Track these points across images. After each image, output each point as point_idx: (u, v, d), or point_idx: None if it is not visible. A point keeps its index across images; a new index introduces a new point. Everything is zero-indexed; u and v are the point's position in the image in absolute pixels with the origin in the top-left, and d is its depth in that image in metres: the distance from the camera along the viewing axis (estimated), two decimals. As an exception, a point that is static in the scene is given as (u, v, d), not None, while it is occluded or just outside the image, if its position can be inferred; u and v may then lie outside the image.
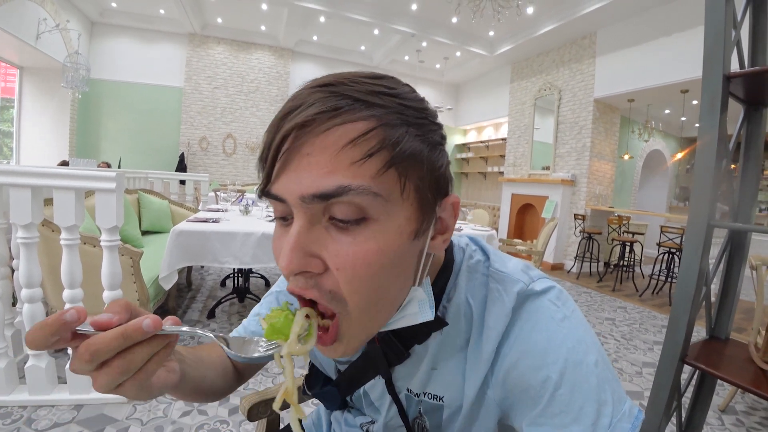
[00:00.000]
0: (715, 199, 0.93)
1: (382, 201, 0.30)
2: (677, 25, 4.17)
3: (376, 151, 0.29)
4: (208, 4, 6.07)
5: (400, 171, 0.31)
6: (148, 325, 0.28)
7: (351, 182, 0.29)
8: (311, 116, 0.29)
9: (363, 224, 0.31)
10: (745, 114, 1.05)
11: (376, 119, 0.30)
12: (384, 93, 0.31)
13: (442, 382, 0.43)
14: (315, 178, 0.29)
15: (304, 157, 0.30)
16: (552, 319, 0.38)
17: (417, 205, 0.33)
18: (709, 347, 1.06)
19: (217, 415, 1.58)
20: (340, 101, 0.29)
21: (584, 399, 0.34)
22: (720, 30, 0.90)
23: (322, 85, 0.31)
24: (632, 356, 2.54)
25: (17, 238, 1.42)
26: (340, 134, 0.29)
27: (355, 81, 0.31)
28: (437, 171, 0.34)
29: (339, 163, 0.29)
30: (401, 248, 0.32)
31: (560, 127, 5.73)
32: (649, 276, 4.58)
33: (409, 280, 0.36)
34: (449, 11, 5.12)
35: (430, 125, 0.34)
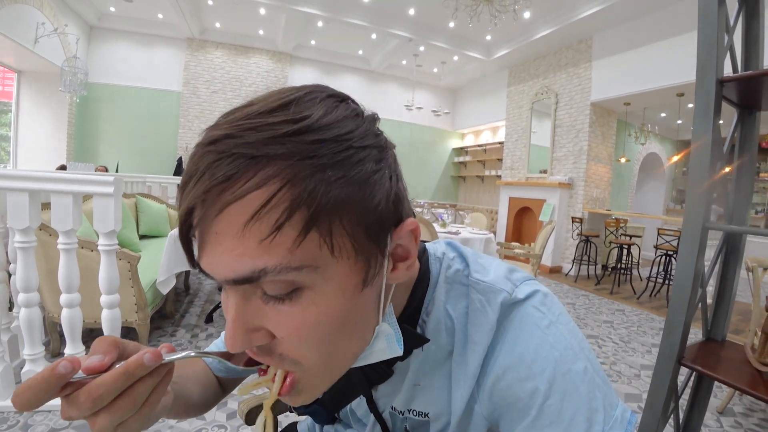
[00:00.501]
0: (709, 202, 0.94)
1: (310, 270, 0.27)
2: (672, 30, 4.21)
3: (286, 220, 0.25)
4: (206, 9, 6.09)
5: (323, 231, 0.26)
6: (149, 359, 0.27)
7: (265, 264, 0.25)
8: (201, 193, 0.25)
9: (297, 294, 0.28)
10: (738, 117, 1.06)
11: (280, 178, 0.25)
12: (288, 134, 0.25)
13: (426, 398, 0.42)
14: (228, 261, 0.26)
15: (213, 236, 0.26)
16: (537, 327, 0.36)
17: (356, 256, 0.29)
18: (706, 349, 1.06)
19: (215, 419, 1.57)
20: (231, 165, 0.24)
21: (574, 409, 0.34)
22: (713, 35, 0.91)
23: (212, 141, 0.26)
24: (630, 359, 2.54)
25: (14, 243, 1.42)
26: (238, 210, 0.25)
27: (250, 127, 0.25)
28: (374, 209, 0.28)
29: (247, 243, 0.25)
30: (348, 305, 0.30)
31: (557, 131, 5.76)
32: (646, 278, 4.60)
33: (371, 323, 0.34)
34: (446, 16, 5.15)
35: (355, 155, 0.27)
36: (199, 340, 2.30)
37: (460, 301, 0.40)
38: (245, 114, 0.26)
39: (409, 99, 7.71)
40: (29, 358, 1.50)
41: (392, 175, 0.31)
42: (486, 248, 3.66)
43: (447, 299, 0.40)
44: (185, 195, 0.26)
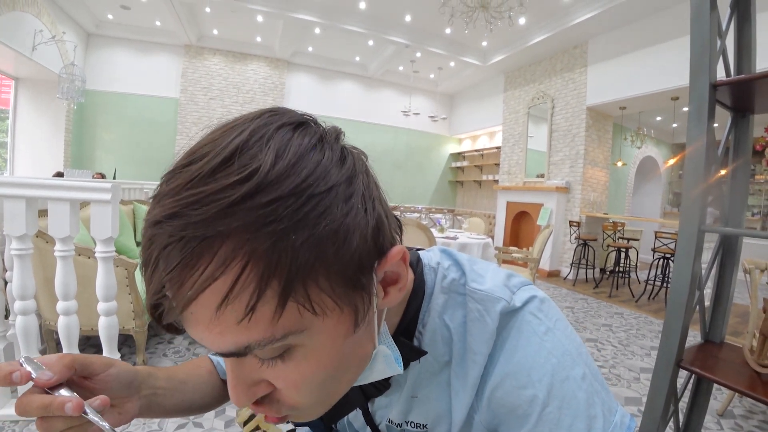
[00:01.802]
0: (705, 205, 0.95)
1: (296, 334, 0.26)
2: (666, 34, 4.26)
3: (258, 299, 0.23)
4: (203, 16, 6.13)
5: (300, 298, 0.25)
6: (69, 408, 0.29)
7: (248, 341, 0.25)
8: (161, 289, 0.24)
9: (290, 352, 0.28)
10: (732, 121, 1.08)
11: (240, 257, 0.23)
12: (238, 201, 0.22)
13: (423, 409, 0.42)
14: (211, 338, 0.25)
15: (190, 315, 0.25)
16: (535, 334, 0.36)
17: (340, 308, 0.27)
18: (705, 351, 1.06)
19: (213, 427, 1.56)
20: (184, 251, 0.23)
21: (573, 416, 0.33)
22: (706, 39, 0.92)
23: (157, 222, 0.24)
24: (630, 362, 2.54)
25: (11, 250, 1.41)
26: (206, 299, 0.23)
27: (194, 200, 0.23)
28: (351, 258, 0.26)
29: (224, 325, 0.24)
30: (342, 350, 0.30)
31: (554, 135, 5.79)
32: (644, 281, 4.60)
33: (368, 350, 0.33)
34: (443, 22, 5.20)
35: (318, 205, 0.24)
36: (197, 347, 2.28)
37: (457, 311, 0.39)
38: (187, 179, 0.24)
39: (406, 105, 7.75)
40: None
41: (366, 206, 0.28)
42: (484, 253, 3.66)
43: (443, 309, 0.40)
44: (147, 284, 0.25)
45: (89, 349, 2.12)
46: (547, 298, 0.40)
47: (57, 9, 5.40)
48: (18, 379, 0.29)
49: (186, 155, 0.27)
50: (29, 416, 0.30)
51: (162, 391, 0.44)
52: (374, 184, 0.31)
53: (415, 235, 2.87)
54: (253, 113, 0.28)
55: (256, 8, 5.17)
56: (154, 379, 0.44)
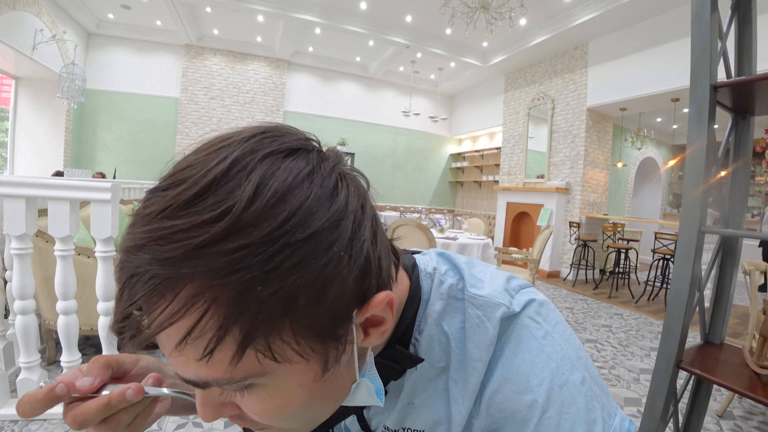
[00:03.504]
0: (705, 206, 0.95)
1: (256, 376, 0.25)
2: (666, 36, 4.26)
3: (217, 344, 0.23)
4: (204, 16, 6.13)
5: (261, 348, 0.24)
6: (131, 394, 0.29)
7: (207, 377, 0.25)
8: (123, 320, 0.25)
9: (252, 388, 0.27)
10: (732, 122, 1.08)
11: (203, 301, 0.22)
12: (208, 243, 0.21)
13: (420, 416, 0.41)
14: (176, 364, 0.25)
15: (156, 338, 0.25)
16: (533, 339, 0.36)
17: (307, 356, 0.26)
18: (704, 352, 1.06)
19: (213, 427, 1.56)
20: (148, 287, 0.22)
21: (573, 421, 0.33)
22: (706, 41, 0.92)
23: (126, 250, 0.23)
24: (629, 363, 2.54)
25: (11, 249, 1.41)
26: (166, 335, 0.23)
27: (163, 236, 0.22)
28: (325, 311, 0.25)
29: (186, 357, 0.24)
30: (311, 390, 0.28)
31: (554, 136, 5.79)
32: (644, 282, 4.60)
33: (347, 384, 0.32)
34: (443, 23, 5.20)
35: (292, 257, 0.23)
36: (196, 346, 2.28)
37: (456, 317, 0.38)
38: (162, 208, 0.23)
39: (406, 105, 7.75)
40: (25, 366, 1.49)
41: (352, 252, 0.26)
42: (484, 253, 3.66)
43: (441, 316, 0.39)
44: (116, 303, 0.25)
45: (89, 348, 2.12)
46: (546, 300, 0.40)
47: (57, 8, 5.40)
48: (63, 390, 0.29)
49: (168, 174, 0.25)
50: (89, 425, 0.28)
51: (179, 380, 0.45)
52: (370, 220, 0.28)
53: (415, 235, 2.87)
54: (246, 132, 0.27)
55: (257, 8, 5.18)
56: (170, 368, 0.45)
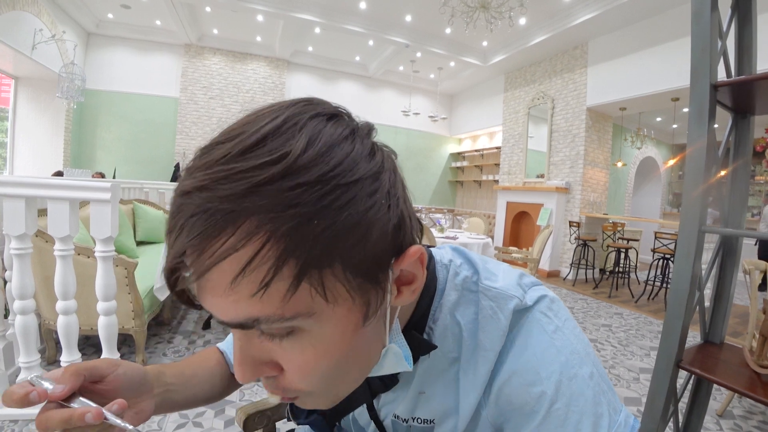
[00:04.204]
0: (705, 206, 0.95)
1: (304, 317, 0.26)
2: (666, 35, 4.26)
3: (274, 276, 0.24)
4: (204, 16, 6.13)
5: (314, 282, 0.25)
6: (89, 417, 0.30)
7: (258, 314, 0.25)
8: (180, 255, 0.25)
9: (296, 335, 0.28)
10: (733, 122, 1.07)
11: (262, 234, 0.23)
12: (266, 181, 0.23)
13: (431, 405, 0.42)
14: (222, 306, 0.26)
15: (205, 282, 0.25)
16: (544, 332, 0.37)
17: (353, 299, 0.28)
18: (704, 352, 1.06)
19: (212, 427, 1.56)
20: (209, 222, 0.23)
21: (581, 413, 0.34)
22: (706, 40, 0.92)
23: (186, 193, 0.24)
24: (629, 362, 2.54)
25: (10, 249, 1.41)
26: (223, 269, 0.24)
27: (225, 176, 0.23)
28: (368, 252, 0.27)
29: (238, 295, 0.25)
30: (349, 342, 0.29)
31: (554, 136, 5.79)
32: (644, 282, 4.61)
33: (377, 347, 0.33)
34: (443, 22, 5.19)
35: (343, 196, 0.25)
36: (196, 346, 2.28)
37: (469, 308, 0.40)
38: (221, 156, 0.24)
39: (406, 105, 7.75)
40: (24, 366, 1.49)
41: (390, 203, 0.28)
42: (484, 253, 3.66)
43: (455, 306, 0.40)
44: (169, 249, 0.26)
45: (89, 348, 2.11)
46: (557, 298, 0.41)
47: (57, 8, 5.39)
48: (36, 398, 0.30)
49: (221, 134, 0.27)
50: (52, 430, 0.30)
51: (174, 387, 0.45)
52: (401, 183, 0.31)
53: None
54: (288, 101, 0.29)
55: (257, 8, 5.17)
56: (164, 376, 0.44)
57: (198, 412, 1.65)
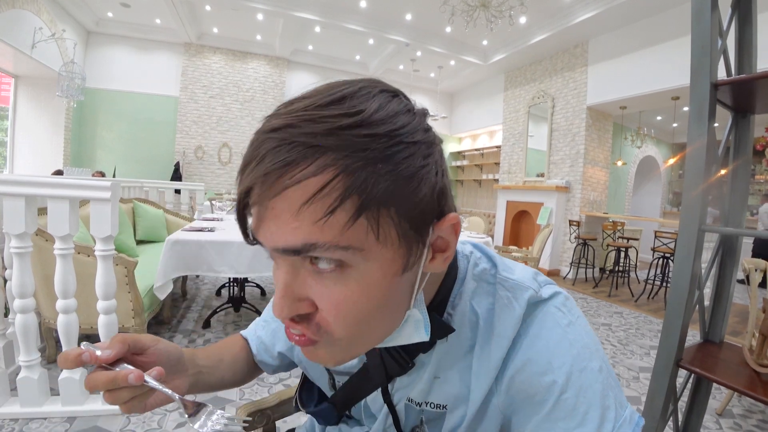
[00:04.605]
0: (705, 205, 0.94)
1: (356, 251, 0.29)
2: (667, 34, 4.25)
3: (338, 206, 0.27)
4: (204, 14, 6.12)
5: (371, 218, 0.28)
6: (131, 378, 0.34)
7: (317, 240, 0.27)
8: (261, 175, 0.27)
9: (342, 270, 0.30)
10: (733, 120, 1.07)
11: (334, 168, 0.27)
12: (344, 127, 0.27)
13: (444, 390, 0.43)
14: (282, 232, 0.28)
15: (269, 210, 0.28)
16: (558, 325, 0.38)
17: (399, 244, 0.30)
18: (704, 351, 1.06)
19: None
20: (291, 152, 0.27)
21: (589, 404, 0.35)
22: (706, 39, 0.92)
23: (273, 129, 0.28)
24: (629, 361, 2.54)
25: (10, 248, 1.41)
26: (296, 192, 0.27)
27: (309, 119, 0.27)
28: (419, 203, 0.30)
29: (302, 220, 0.27)
30: (387, 288, 0.31)
31: (554, 135, 5.79)
32: (644, 281, 4.61)
33: (404, 307, 0.35)
34: (443, 21, 5.19)
35: (404, 150, 0.29)
36: (196, 345, 2.28)
37: (486, 298, 0.41)
38: (304, 106, 0.28)
39: (406, 103, 7.72)
40: (24, 365, 1.49)
41: (438, 171, 0.32)
42: (484, 252, 3.66)
43: (473, 295, 0.42)
44: (245, 176, 0.29)
45: (89, 347, 2.12)
46: (570, 296, 0.42)
47: (57, 7, 5.39)
48: (87, 358, 0.34)
49: (299, 96, 0.31)
50: (99, 390, 0.35)
51: (205, 369, 0.49)
52: (444, 161, 0.34)
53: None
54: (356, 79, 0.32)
55: (257, 6, 5.16)
56: (197, 358, 0.48)
57: (198, 411, 1.65)
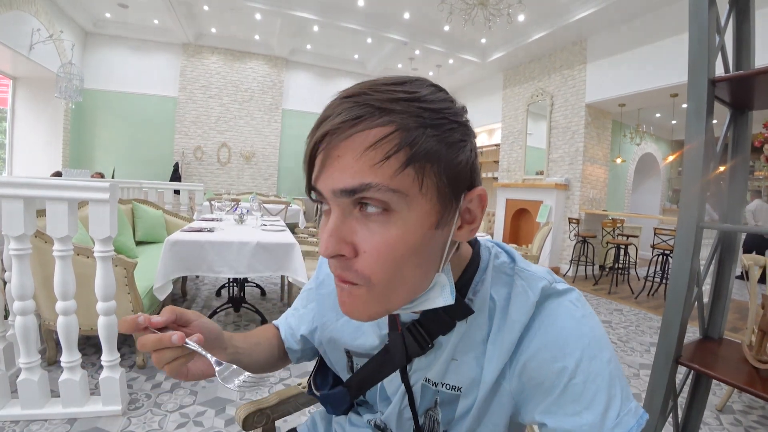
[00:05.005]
0: (703, 202, 0.94)
1: (402, 196, 0.34)
2: (665, 31, 4.25)
3: (393, 153, 0.33)
4: (202, 14, 6.10)
5: (417, 169, 0.34)
6: (174, 339, 0.38)
7: (372, 180, 0.33)
8: (337, 125, 0.33)
9: (387, 215, 0.35)
10: (731, 117, 1.07)
11: (393, 124, 0.33)
12: (403, 99, 0.34)
13: (461, 373, 0.45)
14: (343, 176, 0.34)
15: (335, 159, 0.34)
16: (572, 317, 0.40)
17: (436, 199, 0.35)
18: (703, 347, 1.06)
19: (213, 426, 1.56)
20: (362, 110, 0.33)
21: (596, 390, 0.37)
22: (704, 35, 0.92)
23: (349, 96, 0.35)
24: (629, 358, 2.54)
25: (9, 250, 1.41)
26: (361, 140, 0.33)
27: (376, 90, 0.34)
28: (456, 167, 0.36)
29: (362, 164, 0.33)
30: (423, 237, 0.36)
31: (553, 132, 5.78)
32: (644, 278, 4.61)
33: (434, 267, 0.39)
34: (441, 20, 5.18)
35: (448, 125, 0.35)
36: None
37: (504, 288, 0.44)
38: (372, 82, 0.36)
39: (405, 102, 7.71)
40: (25, 367, 1.49)
41: (472, 150, 0.38)
42: (484, 250, 3.65)
43: (492, 284, 0.45)
44: (322, 126, 0.35)
45: (89, 348, 2.12)
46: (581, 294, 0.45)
47: (54, 8, 5.38)
48: (143, 321, 0.39)
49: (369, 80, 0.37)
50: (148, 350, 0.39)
51: (242, 350, 0.53)
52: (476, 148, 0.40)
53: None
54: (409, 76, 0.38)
55: (254, 6, 5.15)
56: (234, 340, 0.52)
57: (198, 412, 1.65)
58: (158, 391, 1.78)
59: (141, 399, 1.71)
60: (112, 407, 1.58)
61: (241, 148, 7.36)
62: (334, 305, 0.56)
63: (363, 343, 0.53)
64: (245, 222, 2.82)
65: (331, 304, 0.57)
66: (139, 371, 1.95)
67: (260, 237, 2.22)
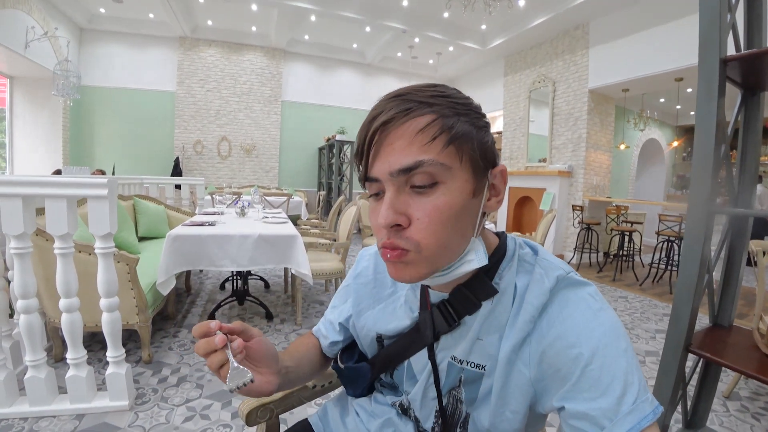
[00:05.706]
0: (715, 186, 0.92)
1: (447, 168, 0.41)
2: (670, 14, 4.16)
3: (438, 135, 0.41)
4: (197, 7, 6.03)
5: (457, 146, 0.42)
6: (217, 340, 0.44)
7: (424, 157, 0.40)
8: (390, 116, 0.41)
9: (435, 187, 0.42)
10: (742, 99, 1.04)
11: (436, 113, 0.41)
12: (439, 96, 0.43)
13: (485, 351, 0.49)
14: (398, 158, 0.41)
15: (388, 146, 0.42)
16: (590, 309, 0.43)
17: (472, 171, 0.43)
18: (713, 335, 1.05)
19: (219, 419, 1.57)
20: (409, 104, 0.41)
21: (612, 376, 0.38)
22: (715, 13, 0.89)
23: (395, 96, 0.43)
24: (635, 345, 2.53)
25: (10, 249, 1.40)
26: (412, 126, 0.41)
27: (418, 90, 0.43)
28: (484, 145, 0.44)
29: (414, 146, 0.41)
30: (463, 203, 0.43)
31: (555, 119, 5.72)
32: (648, 265, 4.59)
33: (470, 232, 0.45)
34: (440, 6, 5.09)
35: (474, 114, 0.44)
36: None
37: (525, 276, 0.48)
38: (411, 87, 0.44)
39: (405, 92, 7.64)
40: (31, 365, 1.49)
41: (492, 136, 0.46)
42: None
43: (516, 271, 0.49)
44: (375, 120, 0.42)
45: (95, 344, 2.13)
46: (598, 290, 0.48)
47: (48, 5, 5.32)
48: (214, 326, 0.45)
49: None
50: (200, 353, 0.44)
51: (291, 369, 0.59)
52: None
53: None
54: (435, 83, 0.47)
55: (250, -3, 5.08)
56: (284, 360, 0.57)
57: (205, 405, 1.65)
58: (165, 386, 1.78)
59: (148, 393, 1.71)
60: (120, 402, 1.58)
61: (241, 141, 7.32)
62: (371, 293, 0.63)
63: (396, 326, 0.58)
64: (247, 215, 2.81)
65: (368, 291, 0.63)
66: (146, 366, 1.95)
67: (262, 229, 2.20)
